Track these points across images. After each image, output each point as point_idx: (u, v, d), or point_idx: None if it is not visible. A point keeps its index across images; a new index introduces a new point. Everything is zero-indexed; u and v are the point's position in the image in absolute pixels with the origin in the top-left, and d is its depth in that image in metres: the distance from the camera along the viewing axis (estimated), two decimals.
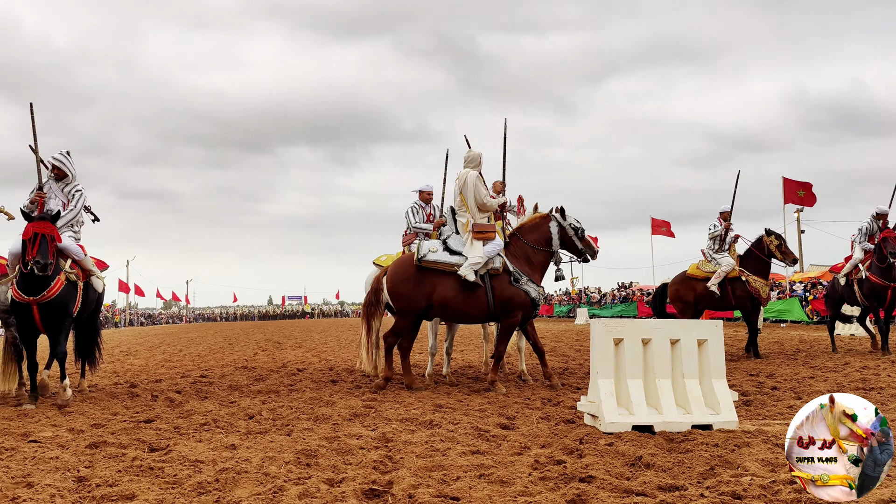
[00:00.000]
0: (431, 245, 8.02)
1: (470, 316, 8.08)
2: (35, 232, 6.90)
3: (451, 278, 7.85)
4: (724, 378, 5.61)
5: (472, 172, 8.13)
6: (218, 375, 10.16)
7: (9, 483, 3.99)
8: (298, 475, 4.10)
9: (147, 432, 5.54)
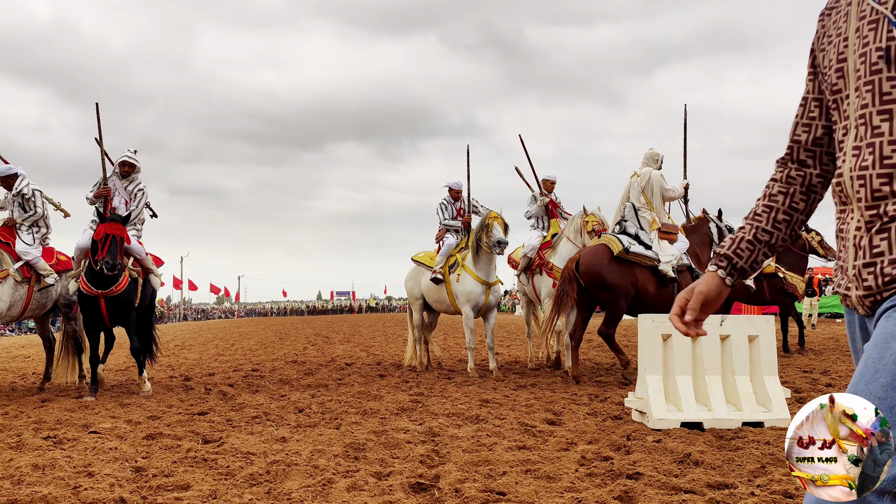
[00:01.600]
0: (627, 239, 8.27)
1: (659, 308, 8.20)
2: (106, 233, 7.26)
3: (646, 271, 8.19)
4: (775, 375, 5.49)
5: (654, 171, 8.48)
6: (269, 369, 10.36)
7: (71, 472, 4.16)
8: (347, 468, 4.16)
9: (201, 424, 5.69)
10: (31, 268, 7.89)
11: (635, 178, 8.59)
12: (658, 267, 8.12)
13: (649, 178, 8.43)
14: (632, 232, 8.39)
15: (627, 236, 8.31)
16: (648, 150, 8.65)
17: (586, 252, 8.40)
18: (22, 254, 7.84)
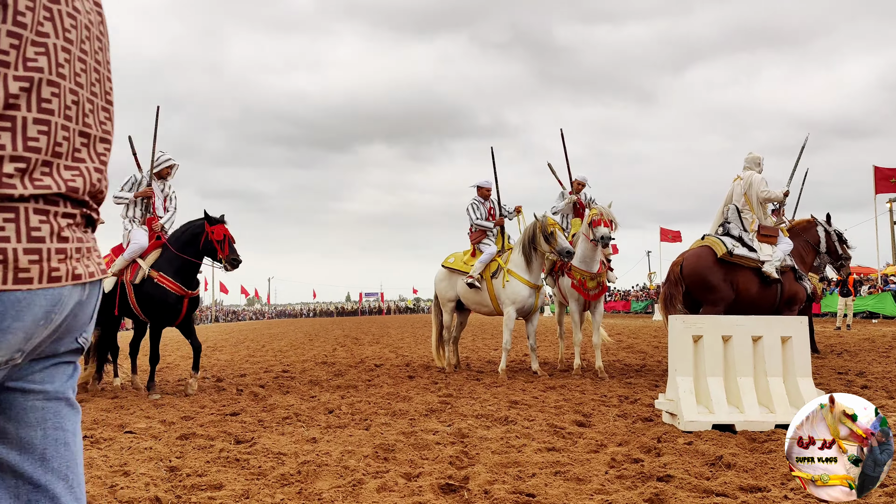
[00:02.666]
0: (730, 241, 8.45)
1: (760, 308, 8.46)
2: (225, 234, 7.82)
3: (748, 272, 8.36)
4: (809, 376, 5.40)
5: (755, 175, 8.69)
6: (299, 370, 10.46)
7: (107, 471, 4.25)
8: (377, 469, 4.19)
9: (233, 425, 5.77)
10: None
11: (738, 181, 8.84)
12: (762, 269, 8.31)
13: (750, 181, 8.67)
14: (735, 234, 8.60)
15: (731, 238, 8.54)
16: (749, 154, 8.88)
17: (690, 254, 8.64)
18: None
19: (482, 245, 9.52)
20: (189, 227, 8.11)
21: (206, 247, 7.95)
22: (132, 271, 7.98)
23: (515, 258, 9.12)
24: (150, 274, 7.88)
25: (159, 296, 7.88)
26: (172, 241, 8.04)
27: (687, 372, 5.36)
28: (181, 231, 8.12)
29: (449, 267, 9.81)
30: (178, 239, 8.04)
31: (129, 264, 8.01)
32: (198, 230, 8.01)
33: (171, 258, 7.98)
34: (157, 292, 7.87)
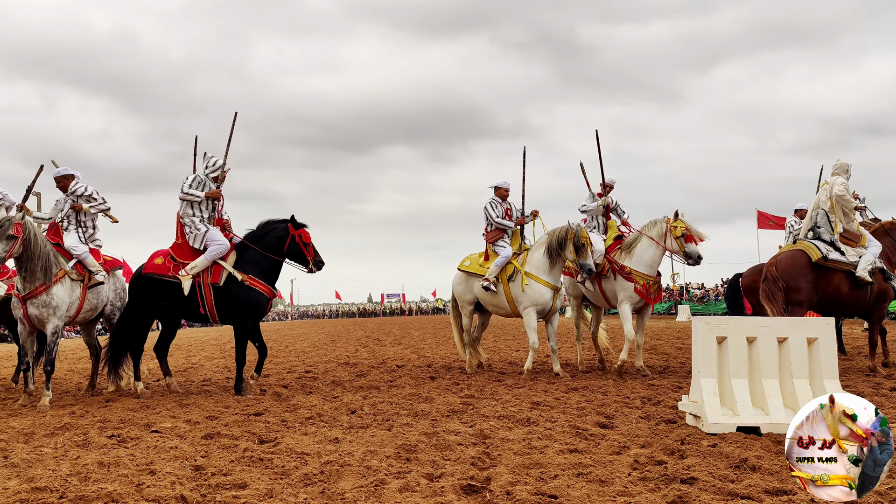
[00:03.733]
0: (824, 246, 8.78)
1: (851, 308, 8.94)
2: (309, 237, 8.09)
3: (840, 275, 8.67)
4: (836, 378, 5.33)
5: (837, 180, 9.00)
6: (322, 371, 10.53)
7: (134, 470, 4.31)
8: (399, 469, 4.21)
9: (257, 425, 5.82)
10: (83, 265, 7.88)
11: (825, 185, 9.17)
12: (856, 274, 8.58)
13: (832, 187, 9.02)
14: (826, 238, 8.91)
15: (823, 243, 8.83)
16: (837, 161, 9.17)
17: (784, 256, 8.90)
18: (71, 249, 7.84)
19: (497, 247, 9.46)
20: (271, 228, 8.14)
21: (291, 249, 8.06)
22: (214, 273, 7.85)
23: (537, 259, 9.08)
24: (238, 276, 7.81)
25: (251, 298, 7.88)
26: (254, 242, 8.03)
27: (711, 374, 5.31)
28: (263, 232, 8.14)
29: (465, 270, 9.81)
30: (261, 240, 8.06)
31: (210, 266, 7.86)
32: (282, 233, 8.09)
33: (255, 259, 7.98)
34: (247, 294, 7.86)
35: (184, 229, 7.99)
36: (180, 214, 8.04)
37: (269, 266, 8.02)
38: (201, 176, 8.13)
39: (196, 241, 7.92)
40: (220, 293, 7.81)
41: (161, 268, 7.87)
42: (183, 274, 7.73)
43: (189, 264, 7.80)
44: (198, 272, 7.79)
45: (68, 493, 3.82)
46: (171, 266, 7.85)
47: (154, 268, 7.90)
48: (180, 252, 7.95)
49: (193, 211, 7.99)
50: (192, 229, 7.93)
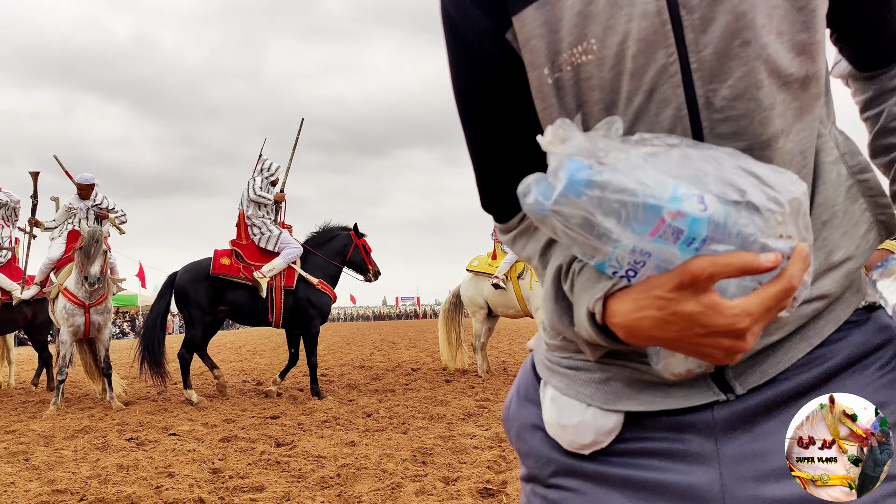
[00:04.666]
0: None
1: None
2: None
3: None
4: None
5: None
6: (337, 374, 10.55)
7: (153, 472, 4.34)
8: (415, 472, 4.21)
9: (273, 428, 5.85)
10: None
11: None
12: None
13: None
14: None
15: None
16: None
17: None
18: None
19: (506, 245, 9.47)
20: (334, 235, 8.21)
21: (353, 258, 8.15)
22: (287, 276, 7.84)
23: None
24: (313, 280, 7.85)
25: (321, 302, 7.94)
26: (318, 248, 8.07)
27: None
28: (325, 238, 8.19)
29: (474, 271, 9.69)
30: (325, 246, 8.11)
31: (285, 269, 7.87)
32: (346, 240, 8.16)
33: (321, 265, 8.02)
34: (318, 299, 7.90)
35: (250, 230, 7.94)
36: (249, 215, 7.98)
37: (333, 272, 8.09)
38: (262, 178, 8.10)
39: (269, 243, 7.90)
40: (289, 296, 7.82)
41: (230, 268, 7.76)
42: (260, 276, 7.66)
43: (265, 266, 7.74)
44: (274, 275, 7.77)
45: (88, 496, 3.86)
46: (240, 267, 7.76)
47: (222, 268, 7.76)
48: (248, 253, 7.87)
49: (262, 213, 7.99)
50: (265, 231, 7.92)
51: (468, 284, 9.86)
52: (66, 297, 7.53)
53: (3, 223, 9.23)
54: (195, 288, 7.83)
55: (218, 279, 7.76)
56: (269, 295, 7.73)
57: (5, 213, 9.21)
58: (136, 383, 9.48)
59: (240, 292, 7.77)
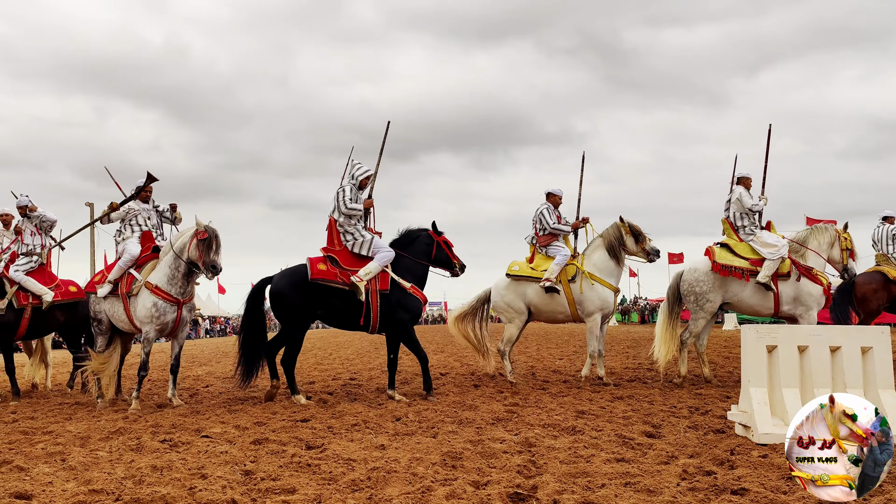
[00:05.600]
0: None
1: None
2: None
3: None
4: (892, 388, 5.18)
5: None
6: (366, 378, 10.61)
7: (186, 474, 4.41)
8: (445, 476, 4.22)
9: (304, 431, 5.90)
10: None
11: None
12: None
13: None
14: None
15: None
16: None
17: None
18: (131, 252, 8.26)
19: (552, 248, 9.30)
20: (416, 236, 8.31)
21: (438, 255, 8.26)
22: (382, 280, 7.91)
23: (600, 261, 9.01)
24: (405, 284, 7.94)
25: (414, 305, 8.07)
26: (404, 251, 8.16)
27: (761, 383, 5.21)
28: (409, 240, 8.29)
29: (516, 275, 9.37)
30: (410, 248, 8.22)
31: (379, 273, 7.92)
32: (429, 240, 8.28)
33: (410, 267, 8.11)
34: (410, 302, 8.02)
35: (342, 237, 8.03)
36: (341, 223, 8.06)
37: (422, 273, 8.20)
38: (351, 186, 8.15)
39: (363, 248, 7.97)
40: (384, 300, 7.90)
41: (328, 274, 7.82)
42: (357, 279, 7.74)
43: (361, 270, 7.81)
44: (370, 279, 7.85)
45: (123, 496, 3.94)
46: (336, 272, 7.83)
47: (321, 274, 7.82)
48: (343, 258, 7.95)
49: (353, 220, 8.07)
50: (357, 236, 8.01)
51: (507, 289, 9.48)
52: (157, 294, 7.72)
53: (35, 231, 9.47)
54: (294, 293, 7.88)
55: (316, 284, 7.82)
56: (365, 299, 7.82)
57: (39, 222, 9.45)
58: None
59: (337, 297, 7.85)
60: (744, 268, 8.71)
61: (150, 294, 7.73)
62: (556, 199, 9.54)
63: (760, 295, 8.74)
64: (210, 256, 7.57)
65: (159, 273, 7.83)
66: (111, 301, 8.09)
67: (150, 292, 7.73)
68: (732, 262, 8.76)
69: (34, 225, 9.44)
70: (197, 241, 7.62)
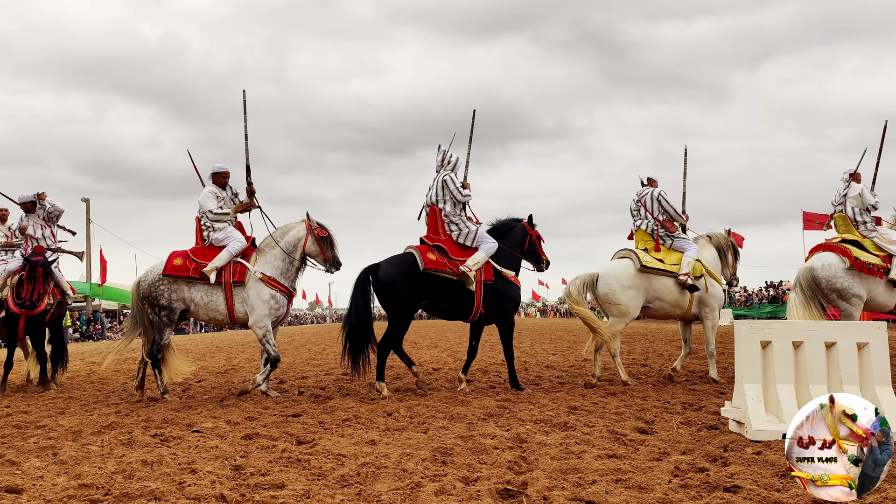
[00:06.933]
0: None
1: None
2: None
3: None
4: (889, 385, 5.16)
5: None
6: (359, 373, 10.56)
7: (176, 468, 4.38)
8: (435, 472, 4.20)
9: (295, 426, 5.87)
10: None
11: None
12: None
13: None
14: None
15: None
16: None
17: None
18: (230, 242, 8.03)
19: (680, 240, 8.71)
20: (510, 227, 8.34)
21: (529, 249, 8.30)
22: (486, 270, 7.94)
23: (713, 259, 8.87)
24: (508, 274, 8.01)
25: (516, 294, 8.15)
26: (499, 241, 8.16)
27: (755, 379, 5.19)
28: (504, 231, 8.31)
29: (650, 267, 8.50)
30: (506, 239, 8.24)
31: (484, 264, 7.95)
32: (523, 232, 8.32)
33: (507, 257, 8.14)
34: (512, 291, 8.10)
35: (447, 227, 8.04)
36: (447, 213, 8.05)
37: (517, 264, 8.23)
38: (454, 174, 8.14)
39: (467, 238, 8.00)
40: (488, 290, 7.94)
41: (438, 264, 7.81)
42: (467, 269, 7.73)
43: (469, 260, 7.83)
44: (477, 269, 7.86)
45: (113, 490, 3.90)
46: (445, 262, 7.83)
47: (432, 264, 7.80)
48: (451, 249, 7.95)
49: (458, 210, 8.09)
50: (462, 227, 8.04)
51: (631, 281, 8.52)
52: (273, 286, 7.75)
53: (44, 224, 9.48)
54: (404, 283, 7.84)
55: (426, 274, 7.81)
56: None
57: (47, 214, 9.47)
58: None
59: (445, 287, 7.86)
60: (878, 265, 8.64)
61: (266, 286, 7.74)
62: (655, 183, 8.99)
63: (889, 292, 8.68)
64: (334, 252, 7.92)
65: (271, 266, 7.86)
66: (205, 290, 7.75)
67: (266, 284, 7.73)
68: (868, 259, 8.64)
69: (41, 219, 9.48)
70: (314, 237, 7.84)
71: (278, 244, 7.91)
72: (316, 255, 7.92)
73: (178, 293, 7.77)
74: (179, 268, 7.75)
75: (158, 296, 7.77)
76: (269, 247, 7.98)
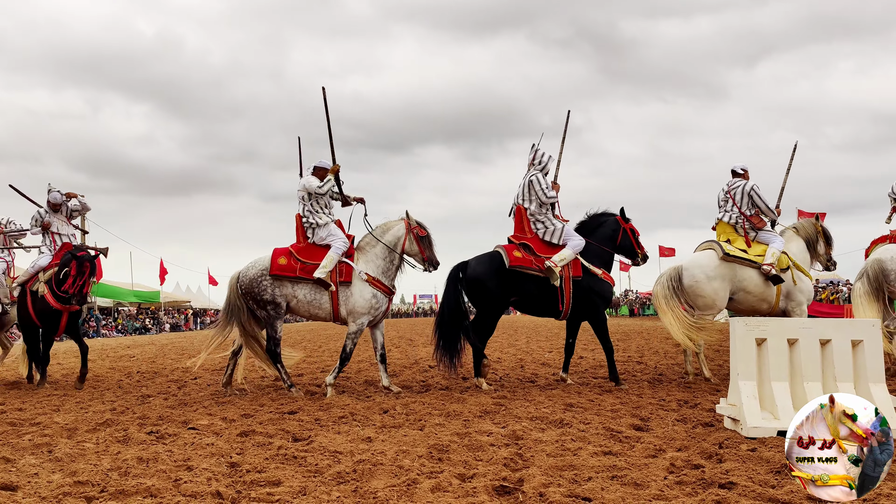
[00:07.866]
0: None
1: None
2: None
3: None
4: (883, 382, 5.18)
5: None
6: (354, 371, 10.58)
7: (171, 465, 4.38)
8: (431, 469, 4.20)
9: (291, 423, 5.87)
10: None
11: None
12: None
13: None
14: None
15: None
16: None
17: None
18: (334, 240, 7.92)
19: (764, 234, 8.46)
20: (603, 221, 8.31)
21: (623, 243, 8.25)
22: (574, 267, 7.96)
23: (800, 252, 8.59)
24: (597, 271, 8.00)
25: (605, 290, 8.13)
26: (588, 236, 8.14)
27: (750, 376, 5.21)
28: (595, 225, 8.30)
29: (734, 255, 8.25)
30: (596, 233, 8.22)
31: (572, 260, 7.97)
32: (615, 226, 8.28)
33: (597, 253, 8.13)
34: (601, 287, 8.08)
35: (533, 225, 8.08)
36: (532, 212, 8.09)
37: (607, 259, 8.21)
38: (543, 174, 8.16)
39: (553, 236, 8.02)
40: (577, 286, 7.94)
41: (524, 261, 7.86)
42: (552, 264, 7.75)
43: (556, 256, 7.85)
44: (564, 265, 7.88)
45: (109, 487, 3.90)
46: (531, 259, 7.87)
47: (518, 261, 7.86)
48: (536, 246, 7.98)
49: (544, 209, 8.10)
50: (549, 225, 8.07)
51: (716, 271, 8.30)
52: (375, 286, 7.78)
53: (66, 222, 9.52)
54: (492, 280, 7.91)
55: (513, 271, 7.84)
56: (560, 285, 7.87)
57: (70, 212, 9.57)
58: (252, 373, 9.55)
59: (532, 283, 7.89)
60: None
61: (369, 285, 7.76)
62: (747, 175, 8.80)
63: None
64: (432, 252, 7.92)
65: (373, 265, 7.88)
66: (308, 287, 7.72)
67: (369, 283, 7.76)
68: None
69: (65, 216, 9.53)
70: (414, 236, 7.87)
71: (381, 241, 7.92)
72: (415, 254, 7.95)
73: (282, 289, 7.80)
74: (285, 267, 7.77)
75: (262, 291, 7.75)
76: (370, 245, 7.99)
